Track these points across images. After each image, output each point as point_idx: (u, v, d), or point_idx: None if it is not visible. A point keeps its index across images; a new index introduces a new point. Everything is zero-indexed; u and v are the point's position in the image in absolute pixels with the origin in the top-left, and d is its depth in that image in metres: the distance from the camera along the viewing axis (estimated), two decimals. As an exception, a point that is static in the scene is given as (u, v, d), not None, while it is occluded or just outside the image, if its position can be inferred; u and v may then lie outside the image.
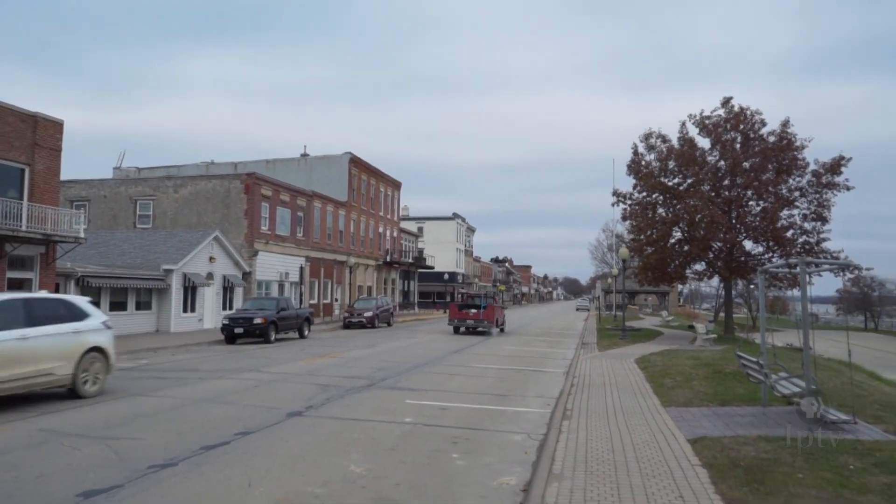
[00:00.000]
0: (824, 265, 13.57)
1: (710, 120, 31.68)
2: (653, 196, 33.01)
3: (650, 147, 33.01)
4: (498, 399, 12.99)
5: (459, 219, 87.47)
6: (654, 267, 33.27)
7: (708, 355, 20.22)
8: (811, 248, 30.00)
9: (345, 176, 48.37)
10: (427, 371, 17.07)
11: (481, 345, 25.90)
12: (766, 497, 6.16)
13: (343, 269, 46.18)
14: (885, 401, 12.36)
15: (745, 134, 31.27)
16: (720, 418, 10.45)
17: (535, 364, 19.55)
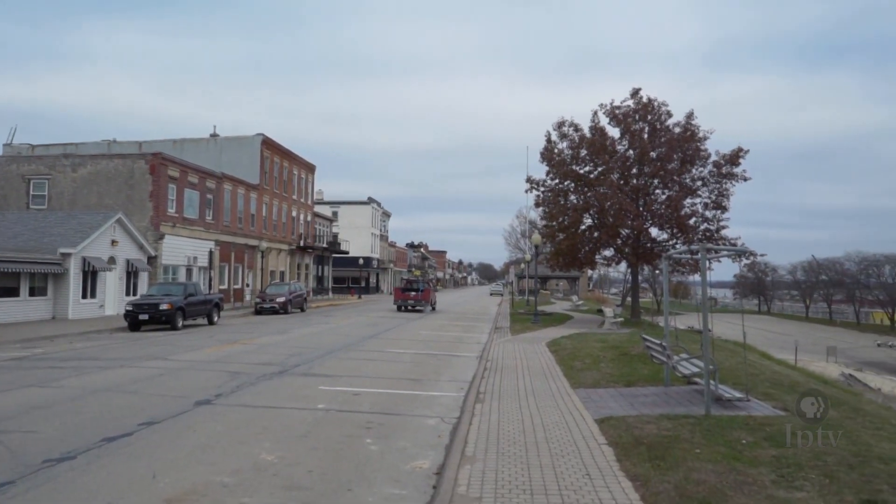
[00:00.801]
0: (723, 252, 14.24)
1: (619, 110, 32.64)
2: (565, 183, 33.77)
3: (563, 135, 33.73)
4: (412, 384, 13.03)
5: (375, 203, 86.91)
6: (565, 253, 34.11)
7: (615, 338, 20.94)
8: (711, 235, 31.49)
9: (257, 158, 47.10)
10: (341, 357, 16.93)
11: (396, 330, 25.91)
12: (666, 472, 6.45)
13: (255, 254, 45.09)
14: (775, 379, 13.14)
15: (652, 124, 32.41)
16: (626, 398, 10.85)
17: (450, 348, 19.73)
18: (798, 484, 6.00)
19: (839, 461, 6.73)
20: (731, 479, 6.13)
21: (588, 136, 32.93)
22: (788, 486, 5.93)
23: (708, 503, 5.51)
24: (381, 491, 6.37)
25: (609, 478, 6.48)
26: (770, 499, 5.59)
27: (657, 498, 5.76)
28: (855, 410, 10.17)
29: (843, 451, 7.11)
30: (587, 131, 33.16)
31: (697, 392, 10.99)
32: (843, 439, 7.71)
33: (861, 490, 5.81)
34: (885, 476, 6.24)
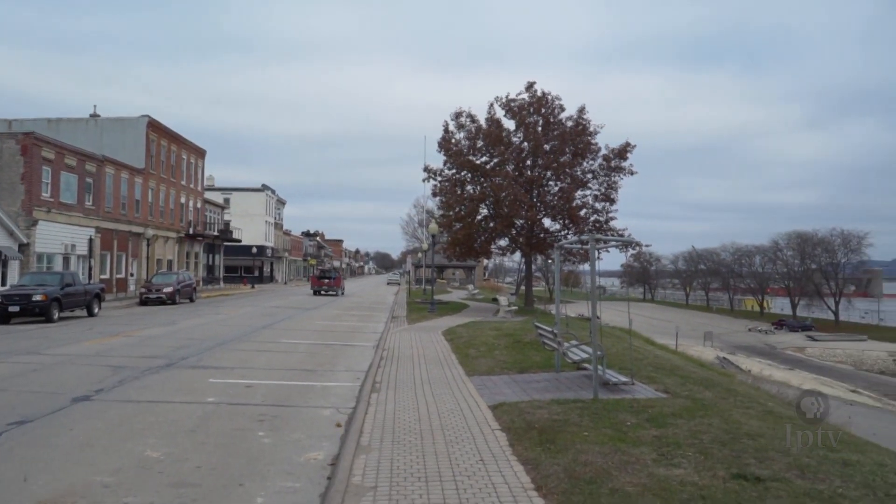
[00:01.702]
0: (611, 242, 14.82)
1: (515, 103, 33.27)
2: (462, 173, 34.15)
3: (460, 126, 34.06)
4: (307, 374, 12.83)
5: (269, 190, 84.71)
6: (461, 242, 34.53)
7: (509, 326, 21.41)
8: (601, 226, 32.74)
9: (142, 141, 44.78)
10: (233, 348, 16.43)
11: (291, 320, 25.42)
12: (556, 455, 6.67)
13: (140, 242, 42.93)
14: (658, 363, 13.85)
15: (546, 118, 33.25)
16: (519, 384, 11.13)
17: (346, 338, 19.56)
18: (676, 461, 6.35)
19: (713, 439, 7.18)
20: (616, 460, 6.41)
21: (484, 127, 33.42)
22: (668, 464, 6.27)
23: (594, 483, 5.74)
24: (274, 484, 6.24)
25: (502, 462, 6.62)
26: (651, 476, 5.89)
27: (547, 480, 5.95)
28: (728, 391, 10.88)
29: (717, 430, 7.60)
30: (484, 122, 33.64)
31: (586, 377, 11.41)
32: (717, 418, 8.24)
33: (732, 465, 6.23)
34: (753, 451, 6.72)
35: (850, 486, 5.76)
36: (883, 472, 6.29)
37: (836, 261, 74.32)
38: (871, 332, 63.96)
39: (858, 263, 77.42)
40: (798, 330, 67.23)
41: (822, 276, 74.84)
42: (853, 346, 56.61)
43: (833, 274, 73.96)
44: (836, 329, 67.01)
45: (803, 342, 59.93)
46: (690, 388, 10.67)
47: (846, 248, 74.31)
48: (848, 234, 74.30)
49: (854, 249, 74.21)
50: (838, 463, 6.49)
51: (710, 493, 5.44)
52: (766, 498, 5.37)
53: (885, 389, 40.76)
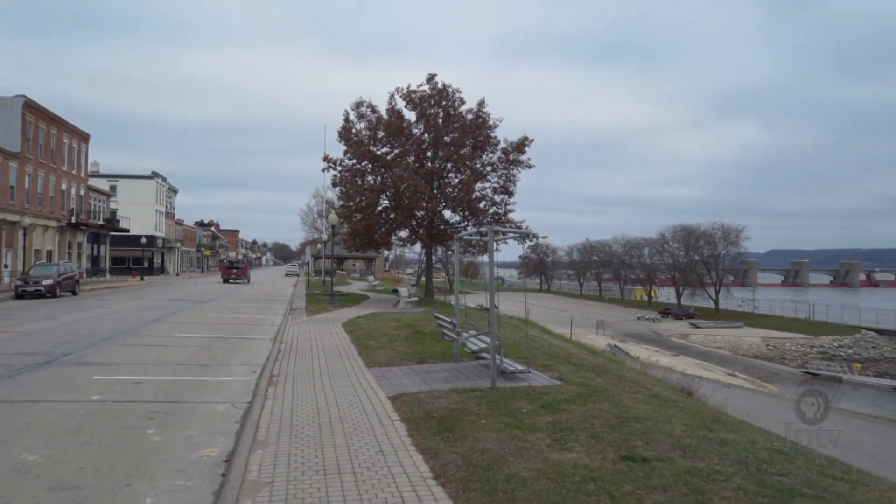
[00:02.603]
0: (509, 234, 15.18)
1: (416, 94, 33.26)
2: (362, 164, 33.85)
3: (361, 116, 33.73)
4: (200, 369, 12.41)
5: (160, 178, 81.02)
6: (362, 233, 34.26)
7: (409, 317, 21.49)
8: (500, 218, 33.31)
9: (17, 122, 41.72)
10: (120, 343, 15.65)
11: (183, 313, 24.47)
12: (454, 443, 6.77)
13: (14, 231, 40.05)
14: (553, 352, 14.29)
15: (446, 110, 33.43)
16: (418, 375, 11.20)
17: (242, 331, 19.04)
18: (569, 446, 6.60)
19: (604, 423, 7.50)
20: (512, 446, 6.58)
21: (385, 118, 33.24)
22: (561, 449, 6.50)
23: (491, 470, 5.87)
24: (165, 483, 6.02)
25: (401, 453, 6.66)
26: (545, 461, 6.08)
27: (446, 469, 6.03)
28: (618, 377, 11.37)
29: (608, 414, 7.94)
30: (385, 113, 33.46)
31: (484, 366, 11.62)
32: (608, 403, 8.61)
33: (620, 447, 6.53)
34: (640, 434, 7.07)
35: (726, 462, 6.16)
36: (755, 449, 6.77)
37: (716, 253, 78.96)
38: (746, 319, 68.45)
39: (736, 255, 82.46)
40: (682, 318, 71.06)
41: (704, 267, 79.35)
42: (731, 332, 60.44)
43: (714, 265, 78.57)
44: (717, 317, 71.31)
45: (687, 329, 63.43)
46: (583, 375, 11.08)
47: (726, 241, 79.08)
48: (727, 228, 79.14)
49: (733, 242, 79.09)
50: (716, 442, 6.93)
51: (601, 475, 5.68)
52: (651, 477, 5.66)
53: (758, 372, 43.80)
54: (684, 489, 5.38)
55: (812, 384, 38.85)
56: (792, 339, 55.39)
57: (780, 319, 66.36)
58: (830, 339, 54.45)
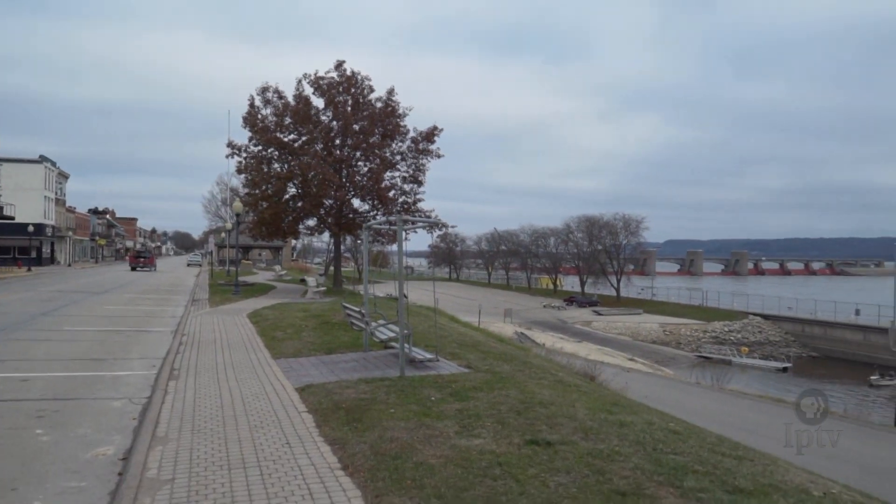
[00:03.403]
0: (419, 223, 15.20)
1: (324, 81, 32.73)
2: (269, 151, 33.06)
3: (267, 101, 32.90)
4: (95, 364, 11.81)
5: (48, 162, 76.22)
6: (268, 222, 33.50)
7: (317, 307, 21.21)
8: (409, 207, 33.33)
9: None
10: (4, 338, 14.67)
11: (76, 305, 23.20)
12: (363, 433, 6.74)
13: None
14: (461, 340, 14.45)
15: (355, 98, 33.08)
16: (326, 366, 11.08)
17: (140, 324, 18.24)
18: (477, 432, 6.70)
19: (510, 409, 7.66)
20: (420, 434, 6.62)
21: (292, 104, 32.56)
22: (469, 435, 6.59)
23: (400, 458, 5.89)
24: (56, 485, 5.70)
25: (309, 444, 6.58)
26: (453, 448, 6.15)
27: (354, 459, 6.00)
28: (524, 364, 11.63)
29: (514, 400, 8.11)
30: (291, 99, 32.77)
31: (393, 355, 11.62)
32: (514, 389, 8.79)
33: (526, 432, 6.68)
34: (545, 418, 7.26)
35: (625, 443, 6.42)
36: (651, 430, 7.09)
37: (618, 242, 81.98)
38: (646, 306, 71.48)
39: (636, 245, 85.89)
40: (586, 306, 73.42)
41: (607, 257, 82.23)
42: (631, 319, 62.97)
43: (616, 254, 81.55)
44: (618, 304, 74.08)
45: (590, 317, 65.60)
46: (491, 362, 11.26)
47: (627, 231, 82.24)
48: (628, 219, 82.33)
49: (633, 232, 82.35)
50: (616, 424, 7.21)
51: (507, 460, 5.80)
52: (555, 460, 5.83)
53: (656, 357, 45.89)
54: (586, 470, 5.57)
55: (704, 367, 41.07)
56: (687, 325, 58.29)
57: (676, 306, 69.66)
58: (721, 324, 57.68)
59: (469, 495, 5.00)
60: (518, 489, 5.11)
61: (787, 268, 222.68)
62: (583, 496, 4.98)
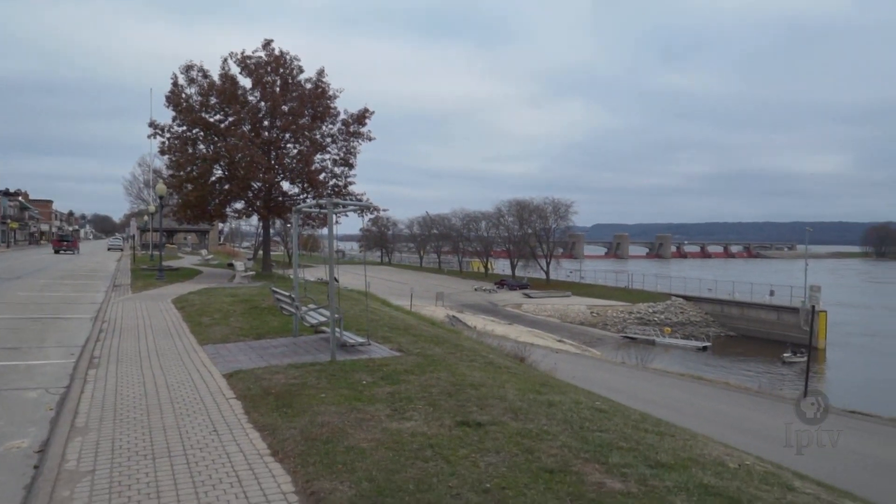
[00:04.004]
0: (350, 206, 15.01)
1: (251, 60, 31.86)
2: (194, 131, 32.00)
3: (191, 80, 31.78)
4: (8, 353, 11.26)
5: (-46, 141, 71.79)
6: (193, 205, 32.50)
7: (246, 292, 20.80)
8: (340, 190, 32.94)
9: None
10: None
11: (-14, 292, 22.01)
12: (293, 418, 6.67)
13: None
14: (393, 324, 14.44)
15: (284, 78, 32.34)
16: (255, 351, 10.89)
17: (57, 311, 17.47)
18: (408, 415, 6.72)
19: (441, 391, 7.71)
20: (352, 418, 6.59)
21: (218, 83, 31.56)
22: (400, 418, 6.61)
23: (331, 443, 5.85)
24: (-35, 480, 5.42)
25: (237, 431, 6.46)
26: (385, 431, 6.16)
27: (284, 444, 5.94)
28: (455, 347, 11.73)
29: (445, 383, 8.17)
30: (217, 79, 31.76)
31: (324, 340, 11.53)
32: (445, 372, 8.86)
33: (457, 413, 6.75)
34: (475, 399, 7.35)
35: (553, 422, 6.57)
36: (578, 409, 7.28)
37: (548, 226, 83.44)
38: (574, 288, 73.09)
39: (565, 228, 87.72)
40: (516, 289, 74.54)
41: (537, 240, 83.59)
42: (560, 301, 64.29)
43: (545, 238, 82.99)
44: (547, 287, 75.48)
45: (521, 299, 66.62)
46: (422, 345, 11.31)
47: (556, 215, 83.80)
48: (558, 203, 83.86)
49: (562, 216, 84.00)
50: (544, 404, 7.37)
51: (438, 441, 5.85)
52: (485, 440, 5.91)
53: (584, 338, 47.05)
54: (515, 450, 5.67)
55: (630, 347, 42.38)
56: (613, 307, 59.93)
57: (603, 289, 71.51)
58: (646, 305, 59.55)
59: (400, 477, 5.02)
60: (449, 470, 5.16)
61: (708, 251, 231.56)
62: (512, 475, 5.07)
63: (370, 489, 4.81)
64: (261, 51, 32.01)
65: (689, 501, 4.70)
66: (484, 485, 4.86)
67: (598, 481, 5.00)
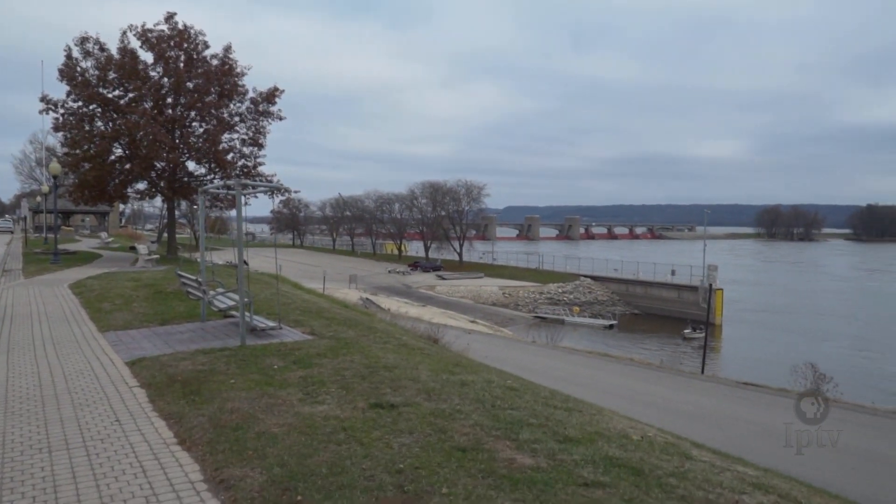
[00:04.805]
0: (259, 188, 14.66)
1: (153, 34, 30.42)
2: (91, 108, 30.33)
3: (87, 53, 30.03)
4: None
5: None
6: (91, 185, 30.88)
7: (150, 276, 20.02)
8: (249, 171, 32.08)
9: None
10: None
11: None
12: (201, 406, 6.49)
13: None
14: (305, 307, 14.25)
15: (188, 54, 31.08)
16: (161, 337, 10.51)
17: (-61, 298, 16.28)
18: (321, 399, 6.67)
19: (354, 374, 7.68)
20: (263, 403, 6.48)
21: (117, 57, 29.99)
22: (313, 402, 6.55)
23: (241, 429, 5.74)
24: None
25: (141, 420, 6.24)
26: (297, 415, 6.09)
27: (192, 432, 5.77)
28: (369, 329, 11.69)
29: (358, 366, 8.14)
30: (116, 52, 30.16)
31: (234, 325, 11.26)
32: (359, 355, 8.82)
33: (370, 396, 6.74)
34: (389, 381, 7.36)
35: (465, 402, 6.67)
36: (490, 388, 7.42)
37: (460, 208, 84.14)
38: (487, 270, 74.13)
39: (478, 211, 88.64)
40: (430, 270, 74.92)
41: (450, 222, 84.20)
42: (473, 283, 65.10)
43: (458, 220, 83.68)
44: (461, 268, 76.25)
45: (434, 281, 67.03)
46: (335, 328, 11.22)
47: (469, 198, 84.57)
48: (471, 185, 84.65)
49: (475, 198, 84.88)
50: (457, 384, 7.46)
51: (351, 424, 5.83)
52: (399, 422, 5.94)
53: (496, 319, 47.90)
54: (429, 430, 5.73)
55: (540, 326, 43.46)
56: (524, 288, 61.22)
57: (515, 270, 72.88)
58: (556, 286, 61.14)
59: (313, 461, 4.98)
60: (362, 452, 5.16)
61: (614, 232, 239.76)
62: (425, 455, 5.12)
63: (282, 474, 4.75)
64: (163, 24, 30.65)
65: (595, 473, 4.88)
66: (397, 465, 4.89)
67: (509, 458, 5.12)
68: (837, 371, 20.25)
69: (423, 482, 4.59)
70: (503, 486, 4.57)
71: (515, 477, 4.73)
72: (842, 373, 23.25)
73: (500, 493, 4.44)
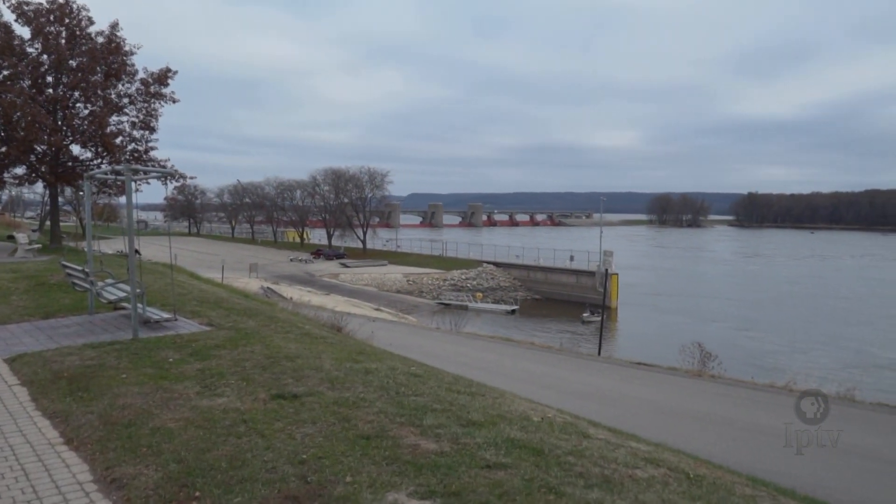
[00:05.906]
0: (151, 173, 13.98)
1: (29, 7, 28.33)
2: (-40, 86, 28.00)
3: (-46, 26, 27.66)
4: None
5: None
6: (-38, 169, 28.59)
7: (31, 267, 18.79)
8: (140, 156, 30.53)
9: None
10: None
11: None
12: (90, 403, 6.16)
13: None
14: (202, 297, 13.76)
15: (70, 29, 29.16)
16: (43, 332, 9.90)
17: None
18: (220, 391, 6.47)
19: (255, 365, 7.50)
20: (157, 398, 6.22)
21: (-10, 31, 27.78)
22: (211, 395, 6.34)
23: (134, 426, 5.49)
24: None
25: (23, 420, 5.86)
26: (194, 409, 5.88)
27: (80, 431, 5.48)
28: (270, 319, 11.44)
29: (259, 356, 7.95)
30: (-12, 26, 27.93)
31: (125, 317, 10.75)
32: (259, 345, 8.62)
33: (272, 387, 6.60)
34: (291, 372, 7.24)
35: (369, 390, 6.65)
36: (395, 375, 7.42)
37: (364, 195, 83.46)
38: (391, 257, 74.04)
39: (382, 198, 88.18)
40: (333, 258, 74.06)
41: (353, 209, 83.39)
42: (377, 270, 64.89)
43: (362, 207, 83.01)
44: (364, 256, 75.80)
45: (338, 269, 66.34)
46: (235, 319, 10.91)
47: (372, 185, 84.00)
48: (374, 172, 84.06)
49: (378, 186, 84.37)
50: (361, 372, 7.43)
51: (252, 416, 5.70)
52: (301, 412, 5.84)
53: (400, 306, 47.97)
54: (332, 419, 5.67)
55: (444, 313, 43.88)
56: (429, 275, 61.59)
57: (419, 257, 73.19)
58: (459, 272, 61.86)
59: (212, 456, 4.83)
60: (264, 444, 5.05)
61: (516, 219, 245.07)
62: (329, 444, 5.07)
63: (178, 470, 4.58)
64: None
65: (497, 455, 4.98)
66: (300, 456, 4.82)
67: (413, 444, 5.14)
68: (722, 349, 21.51)
69: (326, 472, 4.55)
70: (407, 471, 4.59)
71: (419, 462, 4.76)
72: (726, 351, 24.72)
73: (405, 479, 4.46)
